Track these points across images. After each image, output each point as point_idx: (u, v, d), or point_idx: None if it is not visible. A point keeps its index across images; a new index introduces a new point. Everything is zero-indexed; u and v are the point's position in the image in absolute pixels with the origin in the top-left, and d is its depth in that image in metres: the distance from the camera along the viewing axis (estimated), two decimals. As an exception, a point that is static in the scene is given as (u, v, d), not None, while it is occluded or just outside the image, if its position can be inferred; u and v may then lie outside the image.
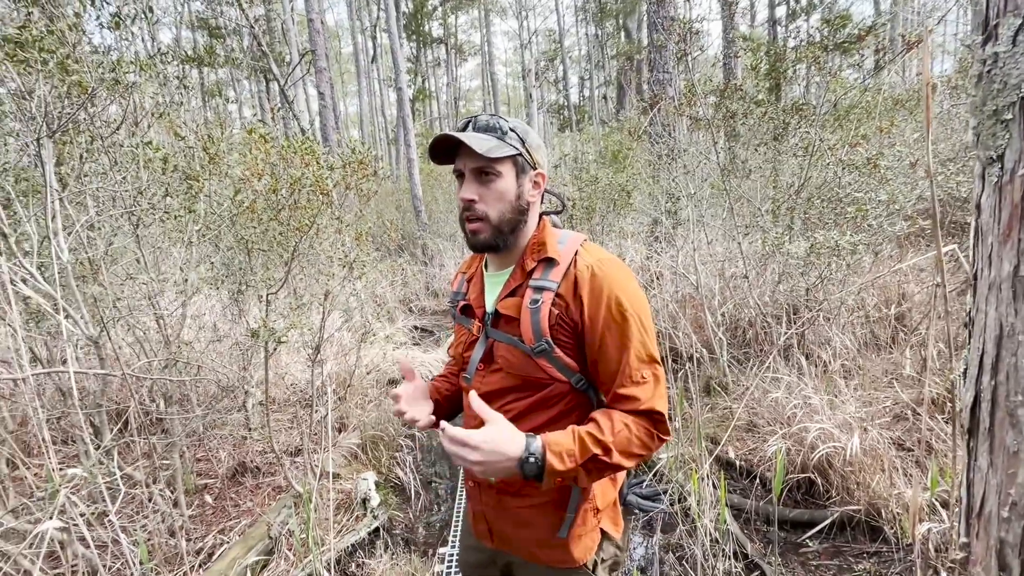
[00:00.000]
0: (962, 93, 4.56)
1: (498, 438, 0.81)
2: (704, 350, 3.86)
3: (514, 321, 0.94)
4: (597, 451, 0.83)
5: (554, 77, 27.58)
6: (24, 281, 1.90)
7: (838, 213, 3.30)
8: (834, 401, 2.76)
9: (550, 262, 0.93)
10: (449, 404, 1.17)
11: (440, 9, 24.49)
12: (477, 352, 1.00)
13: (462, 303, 1.07)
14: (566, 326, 0.90)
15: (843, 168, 3.42)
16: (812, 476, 2.60)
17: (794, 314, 3.72)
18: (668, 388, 3.80)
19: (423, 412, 1.08)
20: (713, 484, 2.34)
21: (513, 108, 33.91)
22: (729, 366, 3.75)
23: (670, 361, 3.86)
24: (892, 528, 2.23)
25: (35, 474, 2.22)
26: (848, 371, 3.20)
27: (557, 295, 0.90)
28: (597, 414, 0.89)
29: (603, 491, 1.00)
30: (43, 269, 2.02)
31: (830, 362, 3.20)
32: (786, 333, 3.38)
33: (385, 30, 14.10)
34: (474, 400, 0.86)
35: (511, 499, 0.99)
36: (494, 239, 0.95)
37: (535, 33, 27.99)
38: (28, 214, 2.09)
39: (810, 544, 2.36)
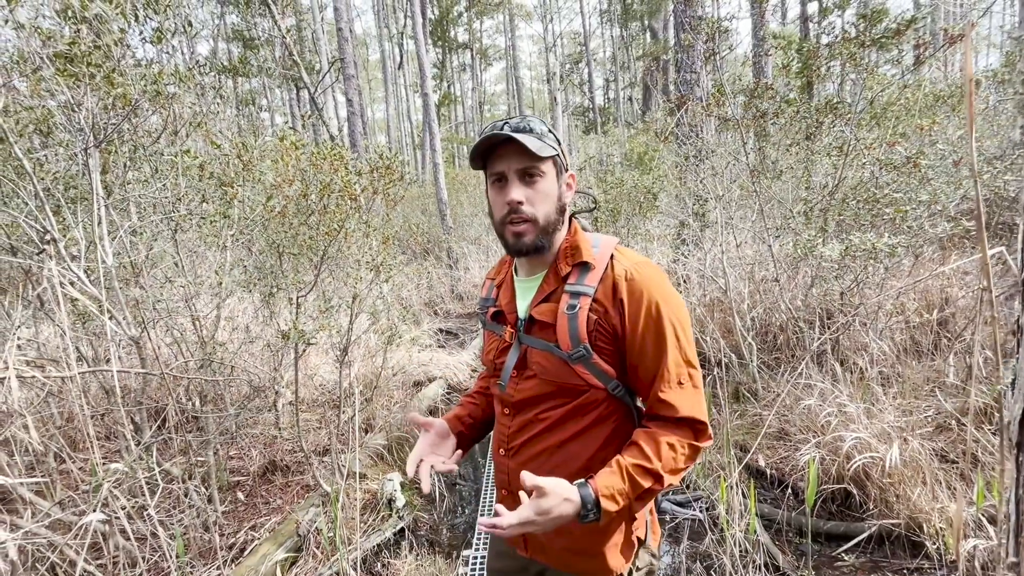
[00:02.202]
0: (1009, 88, 4.34)
1: (551, 506, 0.78)
2: (733, 355, 3.78)
3: (549, 327, 0.92)
4: (647, 484, 0.83)
5: (579, 80, 27.50)
6: (72, 283, 2.00)
7: (875, 214, 3.18)
8: (871, 409, 2.65)
9: (585, 266, 0.92)
10: (473, 430, 1.16)
11: (465, 15, 24.74)
12: (511, 359, 0.99)
13: (492, 309, 1.05)
14: (605, 332, 0.89)
15: (881, 168, 3.30)
16: (848, 487, 2.50)
17: (828, 319, 3.60)
18: (695, 394, 3.73)
19: (444, 455, 1.06)
20: (743, 493, 2.28)
21: (537, 111, 33.97)
22: (759, 372, 3.66)
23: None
24: (935, 544, 2.12)
25: (80, 468, 2.34)
26: (886, 378, 3.08)
27: (595, 300, 0.89)
28: (640, 437, 0.87)
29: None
30: (89, 272, 2.12)
31: (867, 369, 3.09)
32: (819, 338, 3.27)
33: (412, 37, 14.34)
34: (527, 478, 0.80)
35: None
36: (539, 240, 0.93)
37: (560, 36, 27.99)
38: (76, 220, 2.20)
39: (846, 558, 2.27)
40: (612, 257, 0.92)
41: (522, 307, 0.99)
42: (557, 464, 0.96)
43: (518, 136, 0.87)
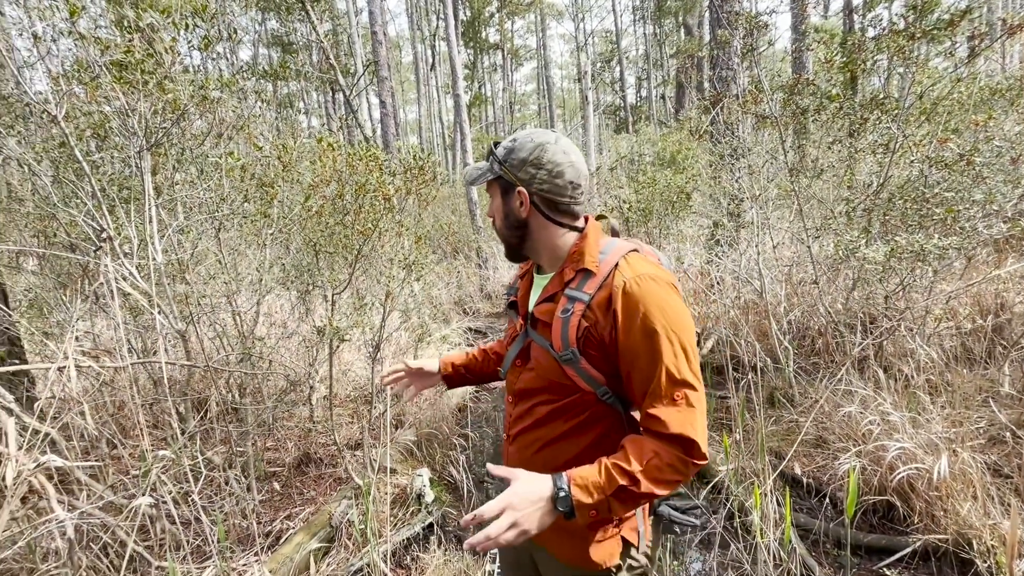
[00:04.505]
0: (1076, 79, 4.06)
1: (523, 489, 0.81)
2: (768, 359, 3.67)
3: (547, 326, 0.96)
4: (624, 482, 0.81)
5: (610, 78, 27.22)
6: (124, 279, 2.12)
7: (923, 215, 3.03)
8: (917, 419, 2.53)
9: (588, 273, 0.93)
10: (461, 378, 1.34)
11: (497, 15, 24.84)
12: (515, 348, 1.05)
13: (512, 298, 1.11)
14: (594, 339, 0.90)
15: (930, 165, 3.14)
16: (891, 499, 2.40)
17: (871, 323, 3.46)
18: (728, 399, 3.65)
19: (423, 385, 1.36)
20: (777, 501, 2.21)
21: (568, 110, 33.78)
22: (795, 377, 3.54)
23: (731, 370, 3.70)
24: (985, 562, 2.01)
25: (130, 454, 2.46)
26: (934, 387, 2.93)
27: (589, 307, 0.90)
28: (628, 442, 0.87)
29: None
30: (141, 269, 2.24)
31: (913, 376, 2.95)
32: (862, 343, 3.14)
33: (444, 39, 14.48)
34: (492, 469, 0.87)
35: None
36: (508, 251, 1.05)
37: (591, 35, 27.77)
38: (129, 219, 2.32)
39: (888, 573, 2.18)
40: (617, 266, 0.91)
41: (532, 302, 1.03)
42: (547, 459, 0.99)
43: (466, 169, 1.01)
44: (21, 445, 1.71)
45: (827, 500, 2.61)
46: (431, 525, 2.79)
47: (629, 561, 0.99)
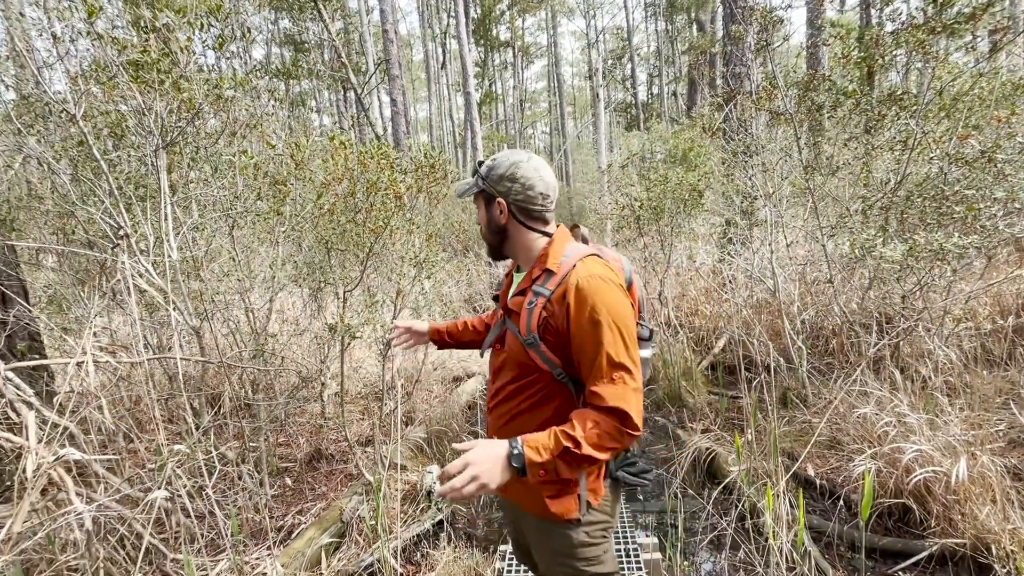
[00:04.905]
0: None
1: (481, 445, 0.97)
2: (781, 359, 3.63)
3: (516, 315, 1.15)
4: (568, 444, 0.97)
5: (621, 75, 27.04)
6: (141, 276, 2.15)
7: (943, 212, 2.97)
8: (935, 421, 2.49)
9: (549, 273, 1.11)
10: (446, 343, 1.59)
11: (508, 13, 24.78)
12: (493, 334, 1.26)
13: (497, 292, 1.34)
14: (551, 327, 1.08)
15: (950, 162, 3.08)
16: (907, 502, 2.36)
17: (887, 323, 3.40)
18: (740, 399, 3.62)
19: (413, 341, 1.62)
20: (790, 502, 2.19)
21: (579, 108, 33.61)
22: (809, 377, 3.50)
23: (743, 369, 3.66)
24: (1004, 567, 1.97)
25: (145, 448, 2.50)
26: (952, 388, 2.88)
27: (548, 301, 1.08)
28: (575, 414, 1.03)
29: None
30: (156, 266, 2.27)
31: (930, 377, 2.89)
32: (877, 344, 3.09)
33: (455, 36, 14.49)
34: (456, 446, 1.04)
35: None
36: (490, 251, 1.27)
37: (602, 31, 27.58)
38: (144, 217, 2.35)
39: (903, 577, 2.14)
40: (574, 267, 1.08)
41: (510, 296, 1.22)
42: (514, 429, 1.15)
43: (456, 185, 1.22)
44: (41, 438, 1.75)
45: (841, 502, 2.57)
46: (441, 522, 2.80)
47: (588, 516, 1.17)
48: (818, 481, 2.75)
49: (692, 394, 4.17)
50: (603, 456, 0.99)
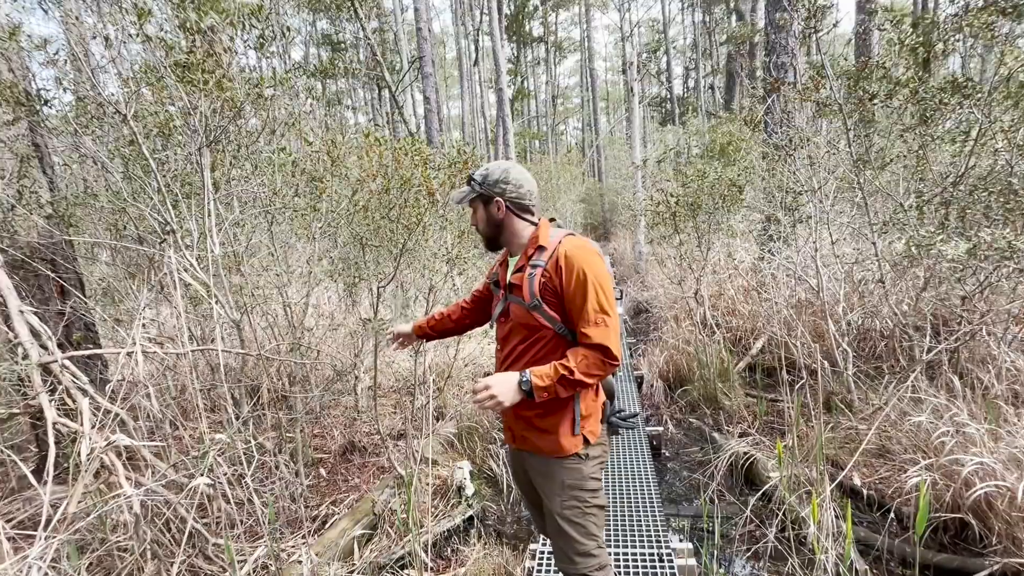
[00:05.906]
0: None
1: (499, 375, 1.31)
2: (825, 362, 3.46)
3: (519, 288, 1.41)
4: (564, 372, 1.27)
5: (656, 69, 26.47)
6: (186, 270, 2.22)
7: (1010, 208, 2.76)
8: (998, 432, 2.32)
9: (542, 249, 1.40)
10: (433, 335, 1.83)
11: (541, 8, 24.61)
12: (498, 309, 1.52)
13: (493, 280, 1.60)
14: (550, 290, 1.36)
15: (1019, 154, 2.86)
16: (965, 517, 2.21)
17: (943, 326, 3.20)
18: (780, 402, 3.47)
19: (407, 342, 1.89)
20: (836, 513, 2.08)
21: (612, 102, 33.11)
22: (855, 381, 3.33)
23: (783, 372, 3.52)
24: (1078, 593, 1.82)
25: (189, 435, 2.60)
26: (1017, 397, 2.68)
27: (545, 269, 1.37)
28: (569, 351, 1.33)
29: (585, 406, 1.41)
30: (200, 261, 2.35)
31: (992, 385, 2.70)
32: (934, 348, 2.91)
33: (487, 33, 14.48)
34: (474, 384, 1.34)
35: (524, 411, 1.44)
36: (488, 243, 1.55)
37: (637, 25, 27.02)
38: (189, 213, 2.43)
39: (960, 597, 2.01)
40: (560, 242, 1.38)
41: (508, 276, 1.48)
42: None
43: (453, 194, 1.54)
44: (94, 424, 1.83)
45: (891, 515, 2.44)
46: (471, 518, 2.80)
47: (588, 450, 1.44)
48: (865, 491, 2.61)
49: (729, 396, 4.05)
50: (590, 381, 1.29)
